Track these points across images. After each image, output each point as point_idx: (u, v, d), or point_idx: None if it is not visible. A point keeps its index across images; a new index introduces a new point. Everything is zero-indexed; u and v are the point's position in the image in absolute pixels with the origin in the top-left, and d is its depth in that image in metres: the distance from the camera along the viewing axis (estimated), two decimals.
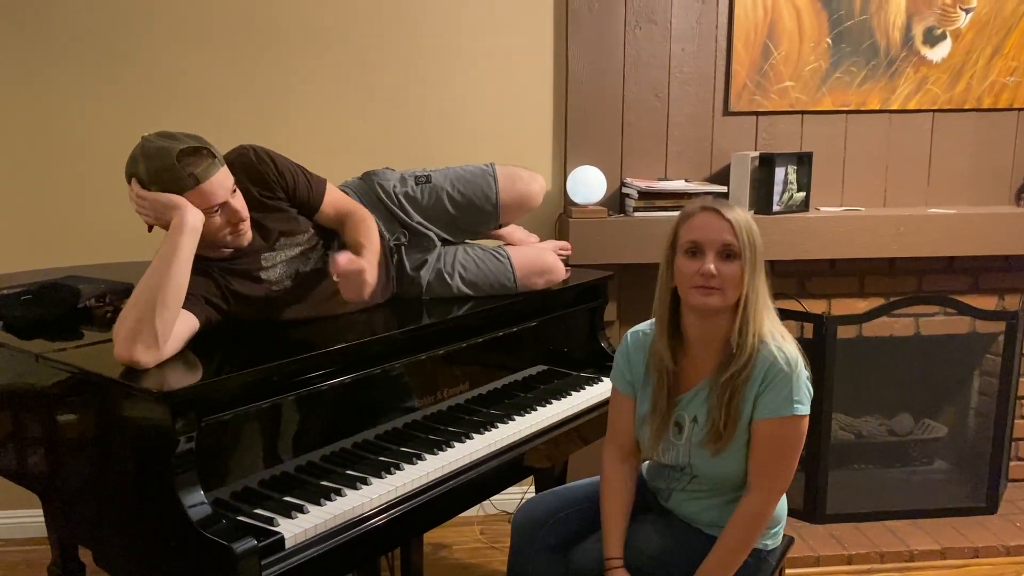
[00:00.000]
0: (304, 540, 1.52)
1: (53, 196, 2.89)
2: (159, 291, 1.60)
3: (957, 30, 3.07)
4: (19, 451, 1.87)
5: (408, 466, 1.79)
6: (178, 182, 1.68)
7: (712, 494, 1.79)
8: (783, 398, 1.65)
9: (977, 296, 3.16)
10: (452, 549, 2.99)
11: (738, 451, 1.71)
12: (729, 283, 1.64)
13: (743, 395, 1.67)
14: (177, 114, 2.84)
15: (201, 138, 1.75)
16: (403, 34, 2.95)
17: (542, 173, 2.93)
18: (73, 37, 2.82)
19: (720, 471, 1.74)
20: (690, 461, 1.77)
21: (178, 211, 1.67)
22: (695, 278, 1.65)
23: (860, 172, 3.15)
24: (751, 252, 1.64)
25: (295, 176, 1.96)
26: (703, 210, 1.68)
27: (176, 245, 1.64)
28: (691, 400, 1.77)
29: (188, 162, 1.69)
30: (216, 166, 1.73)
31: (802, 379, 1.68)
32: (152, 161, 1.69)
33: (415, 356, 1.95)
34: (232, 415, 1.57)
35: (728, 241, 1.64)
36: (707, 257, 1.65)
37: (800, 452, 1.71)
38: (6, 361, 1.83)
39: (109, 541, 1.69)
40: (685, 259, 1.68)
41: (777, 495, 1.71)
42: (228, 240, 1.80)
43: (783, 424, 1.66)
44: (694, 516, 1.82)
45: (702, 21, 3.00)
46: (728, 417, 1.68)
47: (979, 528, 3.02)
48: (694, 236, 1.67)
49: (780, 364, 1.65)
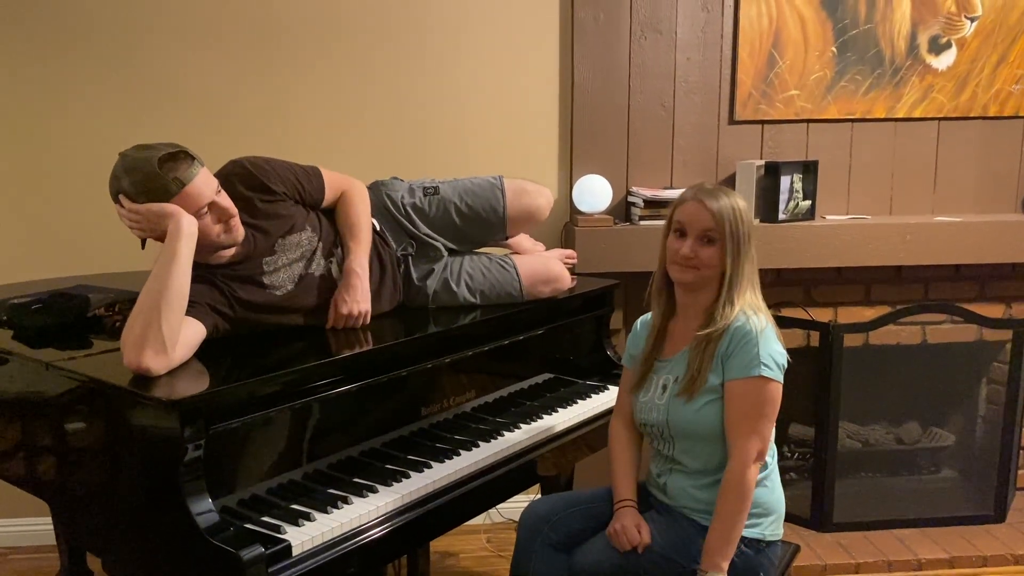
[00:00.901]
0: (311, 548, 1.53)
1: (61, 206, 2.92)
2: (163, 296, 1.61)
3: (962, 38, 3.07)
4: (29, 459, 1.88)
5: (415, 474, 1.80)
6: (164, 189, 1.70)
7: (703, 473, 1.86)
8: (750, 359, 1.78)
9: (984, 304, 3.16)
10: (459, 557, 2.99)
11: (709, 407, 1.82)
12: (705, 263, 1.84)
13: (713, 352, 1.83)
14: (184, 124, 2.87)
15: (176, 143, 1.77)
16: (410, 44, 2.97)
17: (548, 182, 2.97)
18: (83, 46, 2.85)
19: (693, 424, 1.84)
20: (668, 417, 1.87)
21: (172, 218, 1.69)
22: (676, 256, 1.86)
23: (866, 180, 3.16)
24: (732, 239, 1.83)
25: (294, 173, 2.01)
26: (692, 199, 1.87)
27: (175, 250, 1.66)
28: (676, 363, 1.91)
29: (169, 167, 1.71)
30: (197, 167, 1.75)
31: (769, 345, 1.81)
32: (135, 174, 1.71)
33: (422, 364, 1.95)
34: (240, 423, 1.58)
35: (708, 227, 1.83)
36: (688, 240, 1.85)
37: (773, 417, 1.82)
38: (17, 370, 1.85)
39: (117, 548, 1.70)
40: (673, 237, 1.89)
41: (752, 458, 1.78)
42: (223, 238, 1.81)
43: (750, 384, 1.78)
44: (690, 496, 1.87)
45: (707, 31, 3.01)
46: (701, 364, 1.83)
47: (987, 537, 3.01)
48: (681, 219, 1.87)
49: (747, 328, 1.80)
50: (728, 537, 1.77)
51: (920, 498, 3.23)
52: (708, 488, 1.85)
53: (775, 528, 1.90)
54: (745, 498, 1.77)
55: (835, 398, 2.94)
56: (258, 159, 1.98)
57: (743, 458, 1.77)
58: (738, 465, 1.77)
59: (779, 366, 1.81)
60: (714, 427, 1.83)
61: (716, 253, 1.83)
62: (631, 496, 1.92)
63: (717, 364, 1.82)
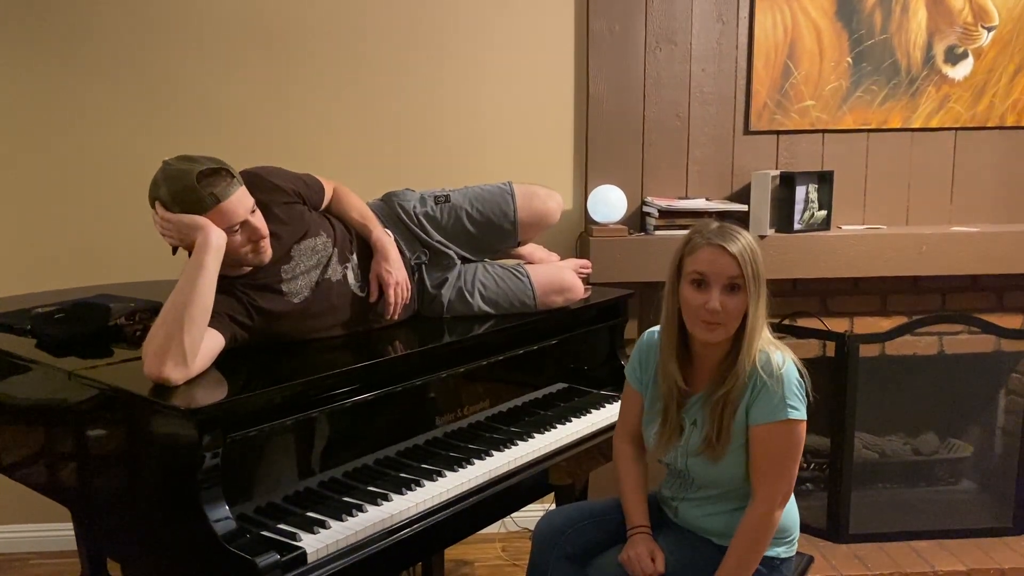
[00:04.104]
0: (326, 555, 1.55)
1: (79, 216, 2.97)
2: (186, 309, 1.64)
3: (979, 48, 3.07)
4: (51, 465, 1.91)
5: (429, 483, 1.82)
6: (199, 203, 1.73)
7: (716, 501, 1.82)
8: (775, 404, 1.68)
9: (1002, 315, 3.14)
10: (474, 566, 3.00)
11: (733, 458, 1.74)
12: (732, 316, 1.68)
13: (734, 411, 1.71)
14: (199, 132, 2.93)
15: (219, 160, 1.80)
16: (426, 57, 3.00)
17: (563, 192, 2.98)
18: (101, 56, 2.91)
19: (716, 477, 1.78)
20: (687, 467, 1.81)
21: (202, 231, 1.72)
22: (700, 311, 1.68)
23: (882, 190, 3.15)
24: (755, 282, 1.67)
25: (295, 176, 2.07)
26: (708, 244, 1.69)
27: (201, 264, 1.69)
28: (693, 405, 1.81)
29: (208, 183, 1.74)
30: (235, 186, 1.78)
31: (792, 383, 1.69)
32: (173, 184, 1.75)
33: (436, 374, 1.97)
34: (257, 431, 1.60)
35: (733, 275, 1.67)
36: (712, 291, 1.67)
37: (799, 457, 1.72)
38: (40, 378, 1.89)
39: (137, 555, 1.73)
40: (691, 289, 1.70)
41: (780, 501, 1.71)
42: (249, 258, 1.85)
43: (778, 428, 1.68)
44: (702, 525, 1.84)
45: (722, 42, 3.03)
46: (721, 428, 1.72)
47: (1005, 549, 2.99)
48: (700, 268, 1.69)
49: (770, 369, 1.68)
50: (742, 573, 1.72)
51: (937, 509, 3.22)
52: (725, 515, 1.80)
53: (790, 547, 1.86)
54: (766, 540, 1.71)
55: (851, 408, 2.94)
56: (263, 167, 2.03)
57: (770, 503, 1.70)
58: (764, 508, 1.70)
59: (802, 399, 1.70)
60: (739, 474, 1.76)
61: (742, 303, 1.67)
62: (644, 522, 1.83)
63: (740, 415, 1.72)
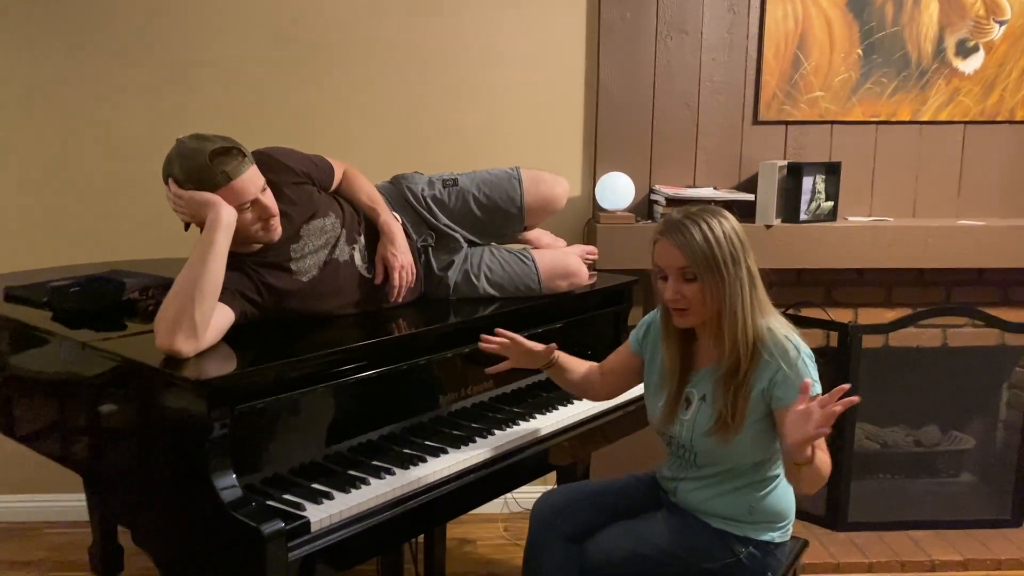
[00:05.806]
0: (329, 525, 1.59)
1: (91, 193, 3.02)
2: (197, 284, 1.69)
3: (990, 42, 3.07)
4: (65, 434, 1.97)
5: (432, 459, 1.86)
6: (211, 180, 1.78)
7: (717, 481, 1.84)
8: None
9: (1007, 309, 3.15)
10: (476, 544, 3.05)
11: (742, 443, 1.76)
12: (696, 302, 1.73)
13: (748, 393, 1.73)
14: (208, 116, 2.97)
15: (231, 139, 1.84)
16: (439, 42, 3.03)
17: (571, 179, 3.00)
18: (110, 37, 2.95)
19: (721, 455, 1.80)
20: (692, 443, 1.83)
21: (213, 208, 1.76)
22: (667, 300, 1.77)
23: (889, 182, 3.16)
24: (710, 269, 1.70)
25: (304, 157, 2.11)
26: (659, 237, 1.76)
27: (212, 240, 1.73)
28: (701, 379, 1.83)
29: (220, 161, 1.79)
30: (246, 164, 1.82)
31: (811, 365, 1.72)
32: (186, 161, 1.79)
33: (442, 353, 2.01)
34: (265, 404, 1.65)
35: (682, 266, 1.72)
36: (669, 282, 1.75)
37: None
38: (56, 349, 1.94)
39: (146, 521, 1.78)
40: (659, 282, 1.79)
41: (825, 447, 1.69)
42: (260, 235, 1.90)
43: None
44: (701, 506, 1.86)
45: (733, 32, 3.04)
46: (735, 410, 1.73)
47: (1003, 541, 3.01)
48: (657, 261, 1.78)
49: (789, 353, 1.71)
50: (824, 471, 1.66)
51: (937, 501, 3.24)
52: (725, 497, 1.83)
53: (784, 532, 1.89)
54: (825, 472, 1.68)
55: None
56: (275, 147, 2.07)
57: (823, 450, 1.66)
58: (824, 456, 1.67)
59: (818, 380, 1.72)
60: (746, 455, 1.78)
61: (698, 290, 1.72)
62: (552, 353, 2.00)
63: (757, 400, 1.73)
